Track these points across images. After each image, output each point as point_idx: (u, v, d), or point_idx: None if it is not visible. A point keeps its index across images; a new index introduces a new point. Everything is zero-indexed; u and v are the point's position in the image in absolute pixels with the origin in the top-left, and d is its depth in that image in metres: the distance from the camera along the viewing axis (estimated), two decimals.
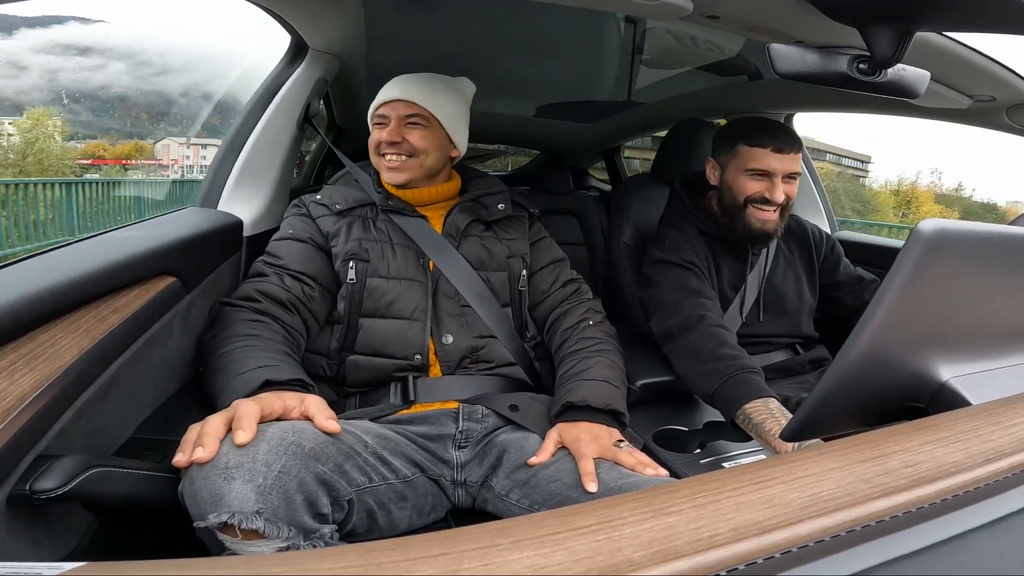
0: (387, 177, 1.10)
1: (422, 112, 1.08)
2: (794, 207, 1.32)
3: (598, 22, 1.47)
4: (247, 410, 0.68)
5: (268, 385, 0.77)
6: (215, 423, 0.66)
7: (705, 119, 1.71)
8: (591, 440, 0.84)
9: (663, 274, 1.26)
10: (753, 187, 1.20)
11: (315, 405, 0.75)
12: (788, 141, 1.18)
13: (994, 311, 0.52)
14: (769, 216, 1.21)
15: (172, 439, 0.77)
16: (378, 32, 1.47)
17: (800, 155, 1.21)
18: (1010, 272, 0.49)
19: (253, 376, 0.77)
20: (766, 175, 1.19)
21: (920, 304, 0.44)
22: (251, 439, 0.64)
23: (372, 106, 1.12)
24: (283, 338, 0.91)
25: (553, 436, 0.87)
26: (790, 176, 1.20)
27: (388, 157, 1.08)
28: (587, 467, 0.79)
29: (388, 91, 1.10)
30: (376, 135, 1.09)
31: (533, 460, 0.85)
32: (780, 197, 1.18)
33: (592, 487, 0.77)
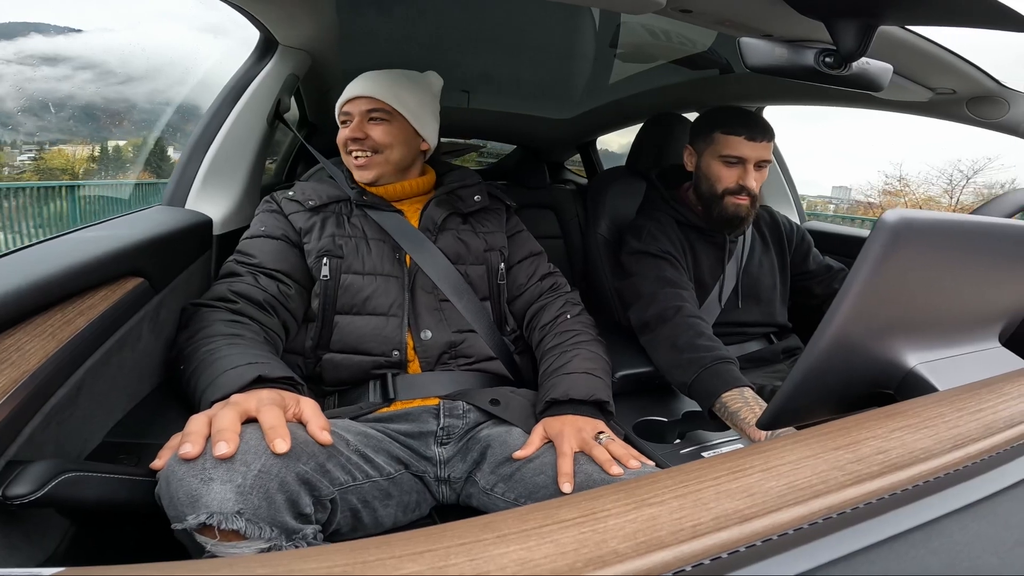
0: (356, 175, 1.10)
1: (384, 107, 1.07)
2: (764, 199, 1.36)
3: (572, 17, 1.47)
4: (228, 420, 0.64)
5: (260, 381, 0.74)
6: (200, 421, 0.64)
7: (678, 112, 1.73)
8: (574, 433, 0.83)
9: (640, 264, 1.28)
10: (727, 176, 1.25)
11: (310, 409, 0.73)
12: (760, 130, 1.23)
13: (957, 298, 0.53)
14: (742, 201, 1.26)
15: (146, 442, 0.76)
16: (350, 27, 1.45)
17: (772, 144, 1.26)
18: (972, 260, 0.51)
19: (245, 372, 0.75)
20: (739, 161, 1.24)
21: (886, 293, 0.45)
22: (233, 452, 0.61)
23: (337, 105, 1.12)
24: (264, 339, 0.90)
25: (539, 430, 0.87)
26: (761, 163, 1.25)
27: (355, 154, 1.09)
28: (564, 467, 0.78)
29: (350, 89, 1.10)
30: (341, 133, 1.10)
31: (518, 454, 0.84)
32: (752, 184, 1.24)
33: (567, 488, 0.76)
